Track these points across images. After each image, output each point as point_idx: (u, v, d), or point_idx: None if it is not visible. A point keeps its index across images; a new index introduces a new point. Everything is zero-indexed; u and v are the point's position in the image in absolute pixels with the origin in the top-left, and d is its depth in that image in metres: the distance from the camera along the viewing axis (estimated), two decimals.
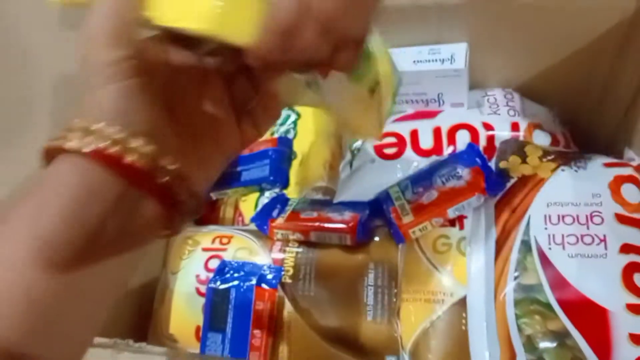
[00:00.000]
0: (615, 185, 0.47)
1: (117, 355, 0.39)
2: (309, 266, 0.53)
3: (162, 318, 0.53)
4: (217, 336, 0.50)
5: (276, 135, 0.68)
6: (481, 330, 0.46)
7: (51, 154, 0.24)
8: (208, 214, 0.65)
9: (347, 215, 0.54)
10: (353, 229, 0.52)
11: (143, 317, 0.55)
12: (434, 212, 0.51)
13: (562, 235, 0.46)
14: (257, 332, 0.49)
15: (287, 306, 0.51)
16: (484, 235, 0.49)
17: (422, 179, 0.54)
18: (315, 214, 0.55)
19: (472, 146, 0.55)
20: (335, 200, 0.59)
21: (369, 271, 0.52)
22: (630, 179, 0.48)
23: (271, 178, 0.63)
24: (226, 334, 0.50)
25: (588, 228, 0.46)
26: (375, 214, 0.56)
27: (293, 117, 0.69)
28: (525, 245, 0.47)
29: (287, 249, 0.54)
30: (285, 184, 0.63)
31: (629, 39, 0.51)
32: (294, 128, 0.68)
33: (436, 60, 0.55)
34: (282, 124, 0.69)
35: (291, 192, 0.63)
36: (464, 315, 0.47)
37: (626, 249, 0.44)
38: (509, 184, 0.50)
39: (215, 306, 0.50)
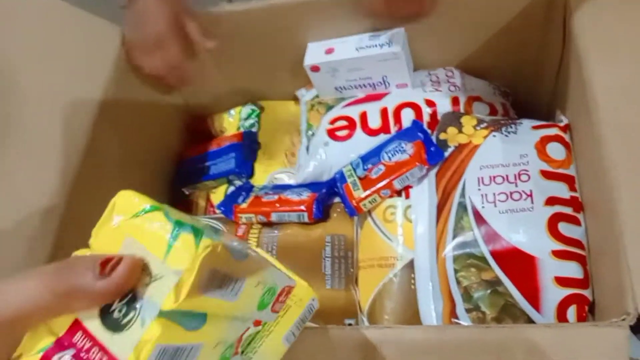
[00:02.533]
0: (541, 145, 0.51)
1: None
2: (271, 244, 0.57)
3: None
4: None
5: (242, 130, 0.72)
6: (427, 287, 0.50)
7: None
8: (182, 208, 0.70)
9: (305, 195, 0.59)
10: (310, 207, 0.57)
11: None
12: (381, 185, 0.55)
13: (494, 194, 0.50)
14: None
15: None
16: (427, 202, 0.53)
17: (371, 156, 0.59)
18: (275, 197, 0.59)
19: (416, 123, 0.59)
20: (295, 183, 0.63)
21: (326, 244, 0.56)
22: (556, 138, 0.52)
23: (237, 170, 0.67)
24: None
25: (516, 185, 0.50)
26: (333, 193, 0.60)
27: (256, 110, 0.73)
28: (462, 206, 0.51)
29: (251, 231, 0.59)
30: (250, 174, 0.68)
31: (551, 9, 0.55)
32: (258, 121, 0.72)
33: (376, 45, 0.59)
34: (246, 119, 0.73)
35: (256, 180, 0.67)
36: (412, 275, 0.51)
37: (551, 201, 0.48)
38: (447, 153, 0.54)
39: None
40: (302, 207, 0.57)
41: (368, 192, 0.55)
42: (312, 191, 0.59)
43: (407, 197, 0.55)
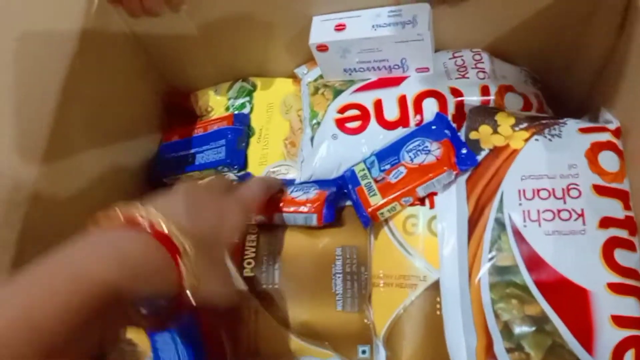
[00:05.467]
0: (592, 154, 0.44)
1: None
2: (272, 256, 0.49)
3: None
4: (166, 335, 0.46)
5: (232, 111, 0.63)
6: (456, 317, 0.43)
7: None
8: None
9: (312, 194, 0.50)
10: (319, 208, 0.49)
11: None
12: (402, 192, 0.47)
13: (538, 211, 0.43)
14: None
15: (251, 299, 0.48)
16: (456, 214, 0.46)
17: (388, 154, 0.51)
18: (277, 195, 0.51)
19: (441, 117, 0.51)
20: (298, 181, 0.55)
21: (337, 257, 0.48)
22: (607, 145, 0.45)
23: (228, 160, 0.58)
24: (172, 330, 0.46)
25: (565, 202, 0.43)
26: (342, 194, 0.52)
27: (248, 88, 0.64)
28: (499, 223, 0.44)
29: (248, 237, 0.50)
30: (242, 166, 0.59)
31: None
32: (250, 101, 0.63)
33: (397, 23, 0.50)
34: (236, 97, 0.63)
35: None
36: (438, 299, 0.45)
37: (606, 223, 0.42)
38: (480, 157, 0.47)
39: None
40: (309, 208, 0.49)
41: (387, 199, 0.48)
42: (320, 188, 0.51)
43: (432, 206, 0.48)
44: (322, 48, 0.53)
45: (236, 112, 0.62)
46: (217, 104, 0.64)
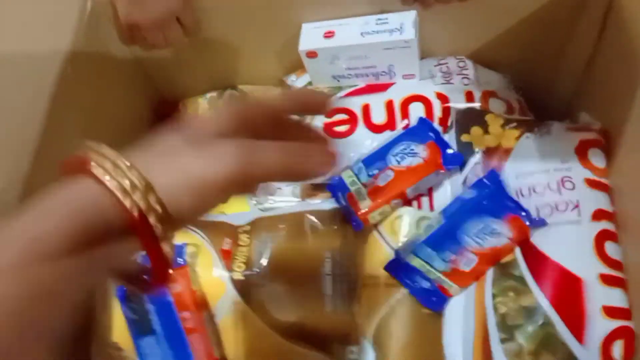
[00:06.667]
0: (582, 150, 0.45)
1: None
2: (262, 260, 0.49)
3: (104, 327, 0.48)
4: (150, 339, 0.45)
5: None
6: (456, 312, 0.43)
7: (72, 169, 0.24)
8: None
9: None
10: None
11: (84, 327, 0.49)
12: (392, 194, 0.48)
13: (537, 208, 0.44)
14: (185, 314, 0.45)
15: (234, 298, 0.47)
16: None
17: (375, 159, 0.51)
18: None
19: (424, 121, 0.52)
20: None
21: (326, 260, 0.48)
22: (595, 142, 0.46)
23: None
24: (156, 332, 0.45)
25: (561, 194, 0.43)
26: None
27: (237, 96, 0.64)
28: None
29: (239, 248, 0.50)
30: None
31: (584, 4, 0.49)
32: None
33: (384, 31, 0.51)
34: None
35: None
36: None
37: (598, 215, 0.42)
38: (474, 159, 0.48)
39: (134, 310, 0.46)
40: None
41: (377, 202, 0.48)
42: None
43: (420, 207, 0.48)
44: (312, 54, 0.54)
45: None
46: (206, 112, 0.64)
